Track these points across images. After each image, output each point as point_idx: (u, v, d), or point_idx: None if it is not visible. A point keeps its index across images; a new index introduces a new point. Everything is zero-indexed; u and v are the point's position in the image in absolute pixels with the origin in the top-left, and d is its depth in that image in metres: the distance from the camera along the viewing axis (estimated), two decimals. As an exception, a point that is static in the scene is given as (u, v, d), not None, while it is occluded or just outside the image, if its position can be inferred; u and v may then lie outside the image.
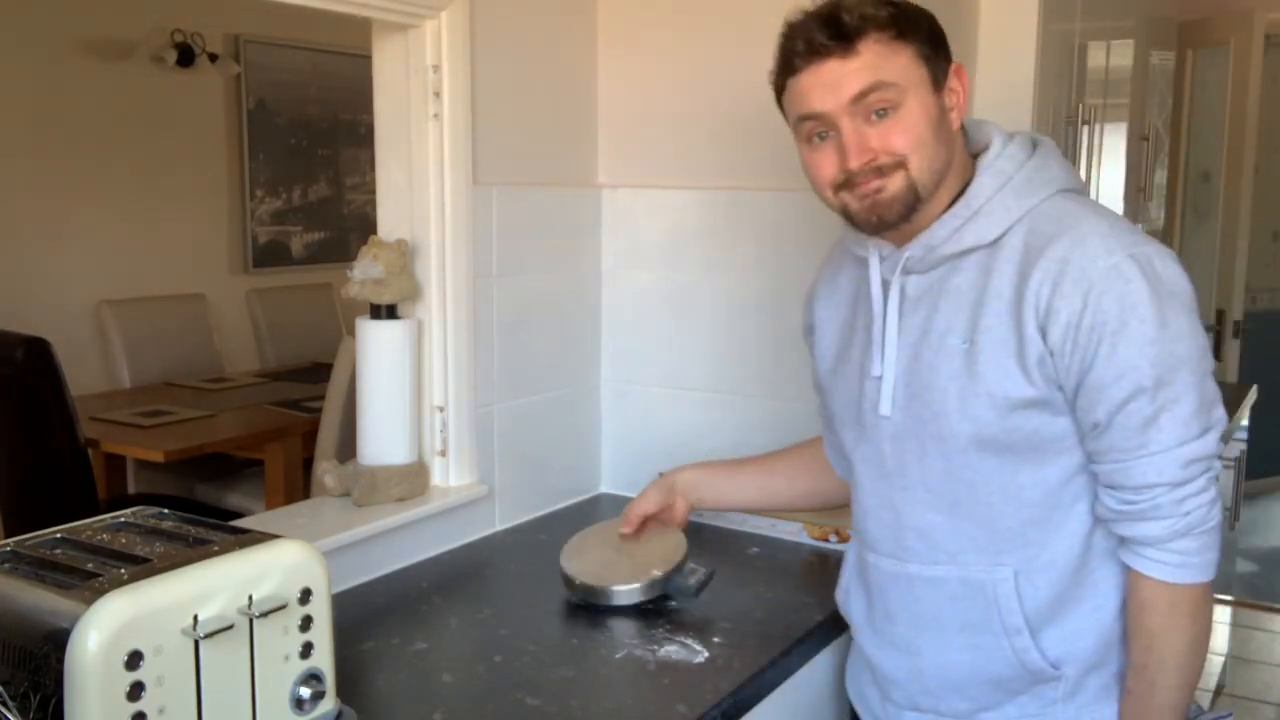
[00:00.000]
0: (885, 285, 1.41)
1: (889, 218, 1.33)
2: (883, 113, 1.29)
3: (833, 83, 1.29)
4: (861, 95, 1.28)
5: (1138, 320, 1.24)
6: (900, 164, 1.30)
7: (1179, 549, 1.28)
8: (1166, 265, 1.29)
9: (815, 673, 1.69)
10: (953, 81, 1.34)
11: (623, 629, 1.67)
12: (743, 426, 2.19)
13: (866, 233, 1.40)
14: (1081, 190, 1.39)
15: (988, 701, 1.42)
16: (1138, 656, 1.34)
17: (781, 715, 1.59)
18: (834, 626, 1.71)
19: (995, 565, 1.37)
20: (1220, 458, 1.31)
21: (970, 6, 2.27)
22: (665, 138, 2.22)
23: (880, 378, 1.41)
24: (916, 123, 1.29)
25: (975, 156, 1.39)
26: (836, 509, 1.80)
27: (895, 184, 1.31)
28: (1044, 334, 1.27)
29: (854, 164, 1.30)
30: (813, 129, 1.33)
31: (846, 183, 1.32)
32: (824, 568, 1.94)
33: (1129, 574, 1.33)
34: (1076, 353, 1.26)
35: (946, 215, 1.34)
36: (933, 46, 1.32)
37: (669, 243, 2.22)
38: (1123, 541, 1.33)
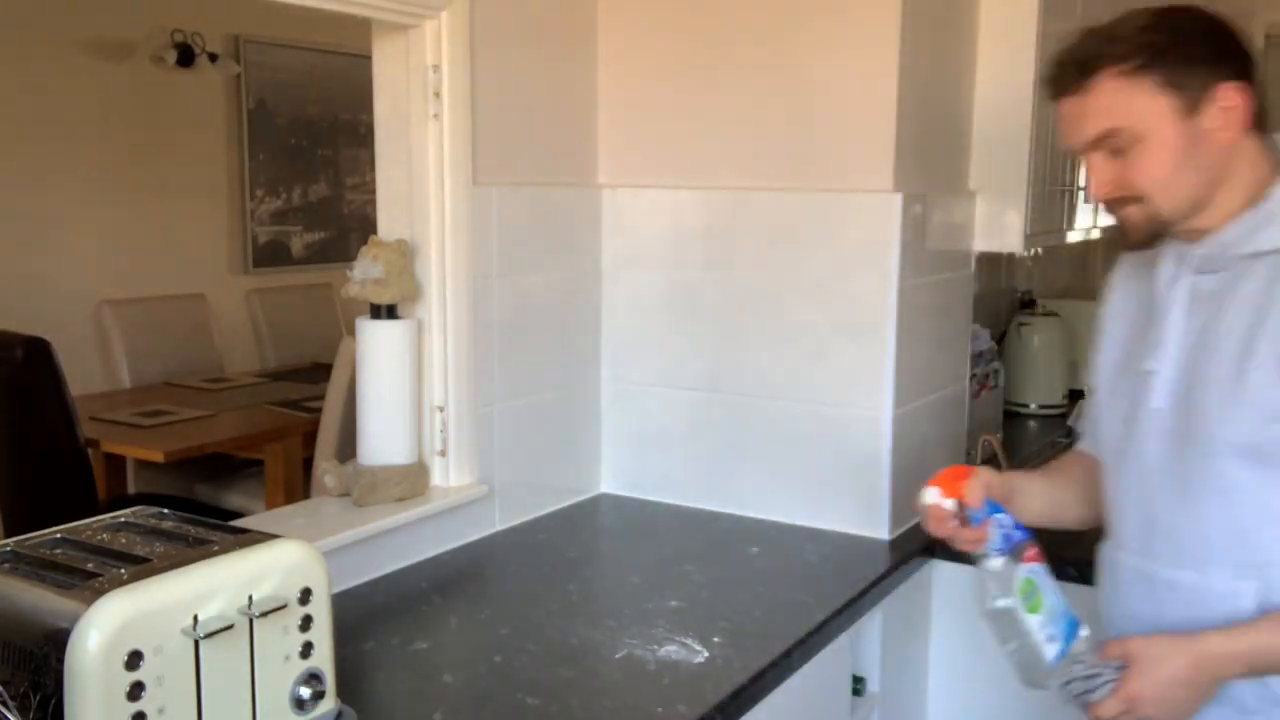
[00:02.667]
0: (1174, 282, 1.40)
1: (1136, 241, 1.38)
2: (1120, 151, 1.32)
3: (1072, 121, 1.35)
4: (1096, 141, 1.33)
5: None
6: (1141, 198, 1.33)
7: None
8: None
9: (815, 672, 1.69)
10: (1222, 100, 1.30)
11: (623, 629, 1.67)
12: (742, 426, 2.19)
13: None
14: None
15: (1217, 716, 1.35)
16: None
17: (781, 715, 1.59)
18: (833, 626, 1.71)
19: (1239, 579, 1.32)
20: None
21: (970, 6, 2.27)
22: (665, 138, 2.22)
23: (1153, 372, 1.39)
24: (1155, 161, 1.31)
25: None
26: None
27: (1137, 215, 1.35)
28: None
29: (1096, 196, 1.37)
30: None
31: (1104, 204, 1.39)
32: (824, 567, 1.94)
33: None
34: None
35: (1248, 213, 1.33)
36: (1184, 69, 1.29)
37: (669, 243, 2.22)
38: None
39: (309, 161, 5.58)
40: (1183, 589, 1.37)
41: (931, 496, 1.48)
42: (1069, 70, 1.34)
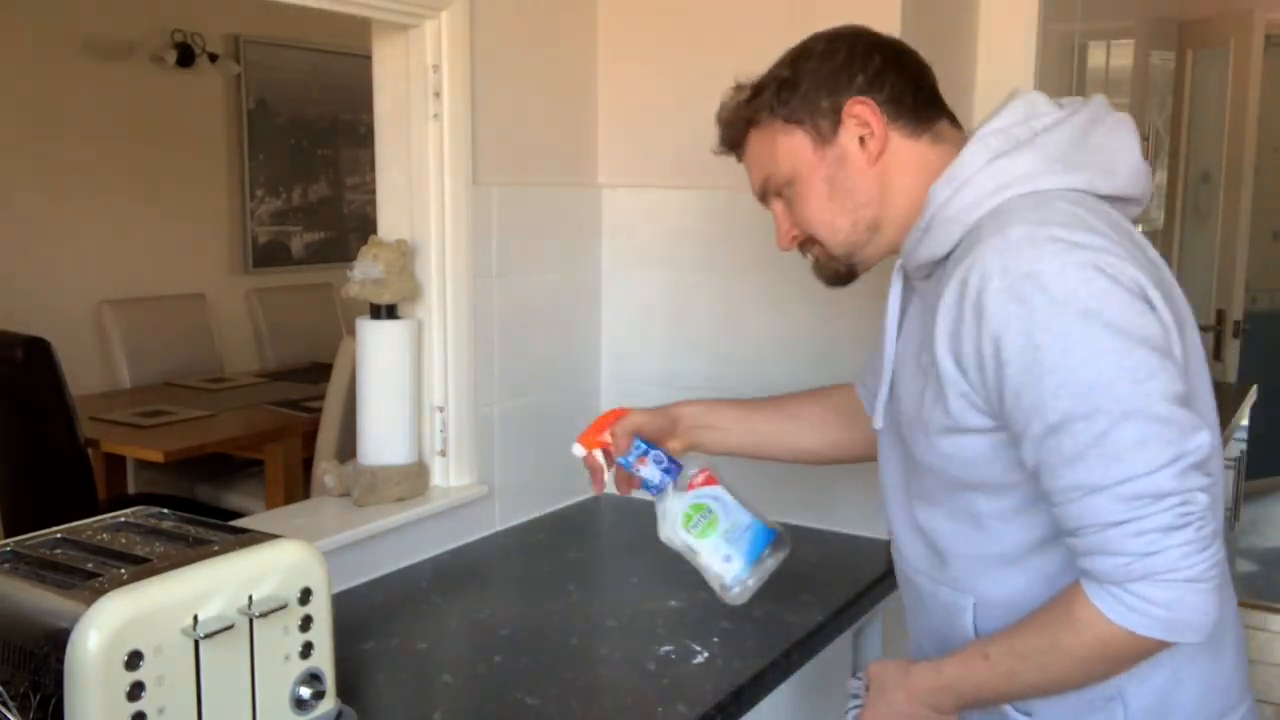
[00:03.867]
0: (890, 297, 1.39)
1: (829, 280, 1.40)
2: (785, 198, 1.36)
3: (748, 173, 1.41)
4: (762, 193, 1.39)
5: (1033, 349, 1.08)
6: (813, 239, 1.35)
7: (1141, 593, 1.07)
8: (1081, 280, 1.08)
9: (815, 672, 1.69)
10: (851, 118, 1.28)
11: (623, 629, 1.67)
12: (743, 426, 2.19)
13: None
14: (1085, 187, 1.20)
15: None
16: (1022, 642, 1.17)
17: (781, 715, 1.59)
18: (833, 626, 1.71)
19: (959, 592, 1.29)
20: (1201, 489, 1.08)
21: (970, 6, 2.27)
22: (665, 138, 2.22)
23: (875, 394, 1.39)
24: (809, 197, 1.32)
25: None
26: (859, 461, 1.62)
27: (820, 254, 1.37)
28: (956, 362, 1.16)
29: (780, 246, 1.40)
30: None
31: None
32: (824, 567, 1.94)
33: (1076, 583, 1.14)
34: (987, 384, 1.14)
35: (911, 229, 1.27)
36: (805, 100, 1.30)
37: (669, 243, 2.22)
38: (1083, 573, 1.13)
39: (309, 161, 5.58)
40: (929, 596, 1.34)
41: (578, 452, 1.53)
42: (725, 134, 1.41)
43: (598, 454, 1.53)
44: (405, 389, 1.91)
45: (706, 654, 1.56)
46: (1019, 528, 1.23)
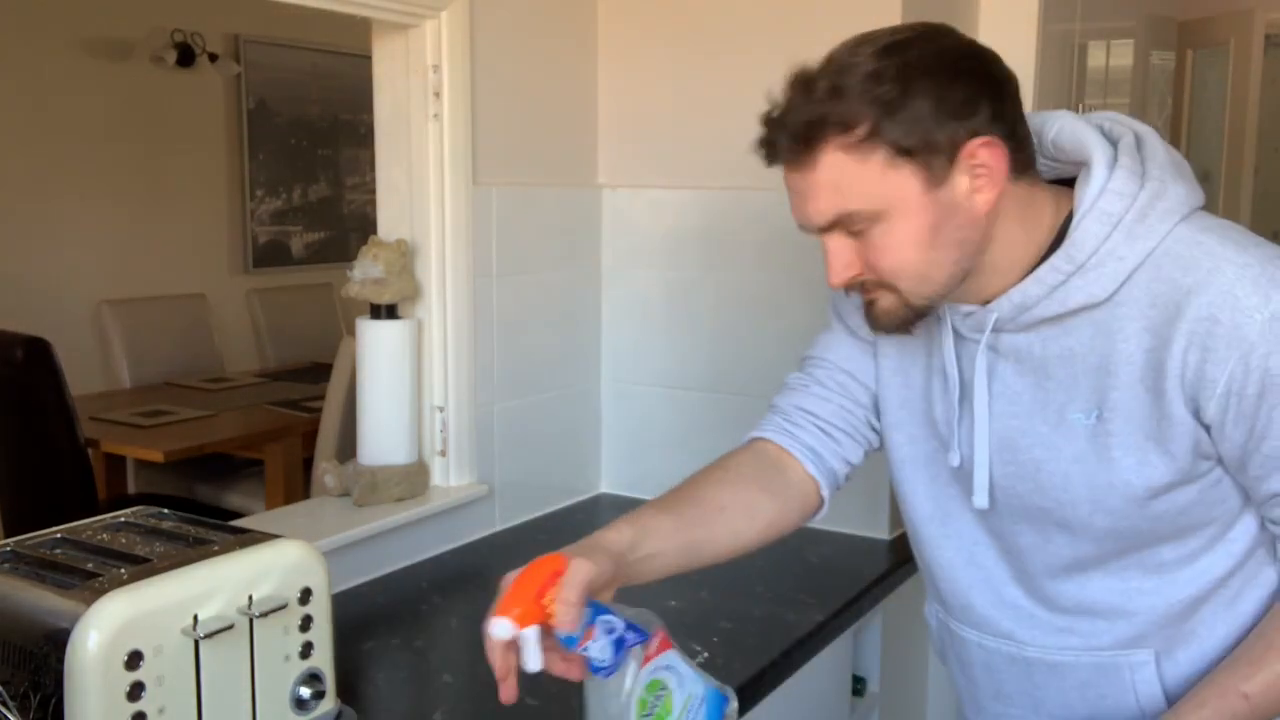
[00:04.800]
0: (959, 342, 1.20)
1: (888, 329, 1.18)
2: (859, 232, 1.10)
3: (799, 196, 1.12)
4: (828, 225, 1.11)
5: None
6: (887, 284, 1.13)
7: None
8: None
9: (815, 672, 1.69)
10: (972, 159, 1.06)
11: (623, 629, 1.67)
12: (742, 427, 2.19)
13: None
14: (1202, 200, 1.14)
15: None
16: (1266, 672, 1.13)
17: (781, 715, 1.59)
18: (833, 626, 1.71)
19: (1133, 649, 1.21)
20: None
21: (970, 6, 2.27)
22: (665, 138, 2.22)
23: (960, 467, 1.22)
24: (901, 243, 1.08)
25: (1071, 178, 1.15)
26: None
27: (887, 302, 1.14)
28: (1196, 408, 1.07)
29: (832, 284, 1.15)
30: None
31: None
32: (824, 567, 1.94)
33: None
34: (1242, 422, 1.06)
35: (1043, 269, 1.11)
36: (922, 131, 1.04)
37: (669, 243, 2.22)
38: None
39: (309, 161, 5.58)
40: (1071, 669, 1.24)
41: (503, 631, 1.03)
42: (786, 139, 1.10)
43: (528, 632, 1.04)
44: (405, 389, 1.91)
45: (706, 654, 1.56)
46: (1206, 566, 1.18)
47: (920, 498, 1.31)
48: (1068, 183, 1.16)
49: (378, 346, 1.90)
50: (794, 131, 1.09)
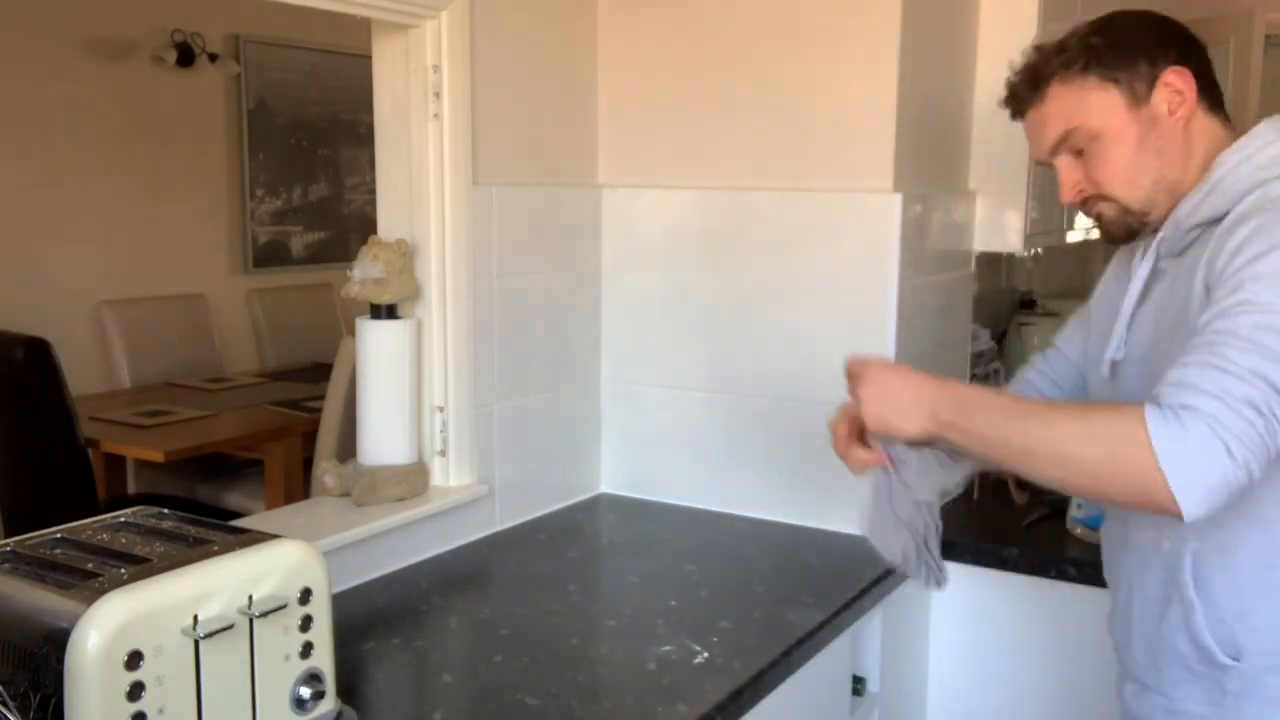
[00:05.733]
0: (1139, 267, 1.42)
1: (1117, 237, 1.43)
2: (1081, 152, 1.38)
3: (1034, 132, 1.43)
4: (1056, 145, 1.40)
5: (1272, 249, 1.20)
6: (1107, 196, 1.39)
7: (1183, 420, 1.14)
8: None
9: (815, 672, 1.69)
10: (1168, 83, 1.35)
11: (623, 629, 1.67)
12: (743, 426, 2.19)
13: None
14: None
15: (1176, 677, 1.39)
16: (1059, 413, 1.28)
17: (781, 715, 1.59)
18: (833, 626, 1.71)
19: (1180, 540, 1.35)
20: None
21: (970, 6, 2.27)
22: (665, 138, 2.22)
23: (1111, 360, 1.42)
24: (1114, 154, 1.37)
25: None
26: None
27: (1110, 211, 1.40)
28: (1208, 283, 1.25)
29: (1066, 200, 1.42)
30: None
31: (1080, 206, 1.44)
32: (824, 567, 1.94)
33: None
34: (1224, 282, 1.22)
35: (1192, 191, 1.35)
36: (1127, 61, 1.35)
37: (669, 243, 2.22)
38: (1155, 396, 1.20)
39: (309, 161, 5.58)
40: (1143, 549, 1.41)
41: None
42: (1022, 87, 1.42)
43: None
44: (405, 389, 1.91)
45: (706, 654, 1.56)
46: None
47: (1094, 390, 1.51)
48: None
49: (378, 346, 1.90)
50: (1026, 78, 1.41)
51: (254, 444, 3.59)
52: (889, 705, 2.03)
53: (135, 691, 1.06)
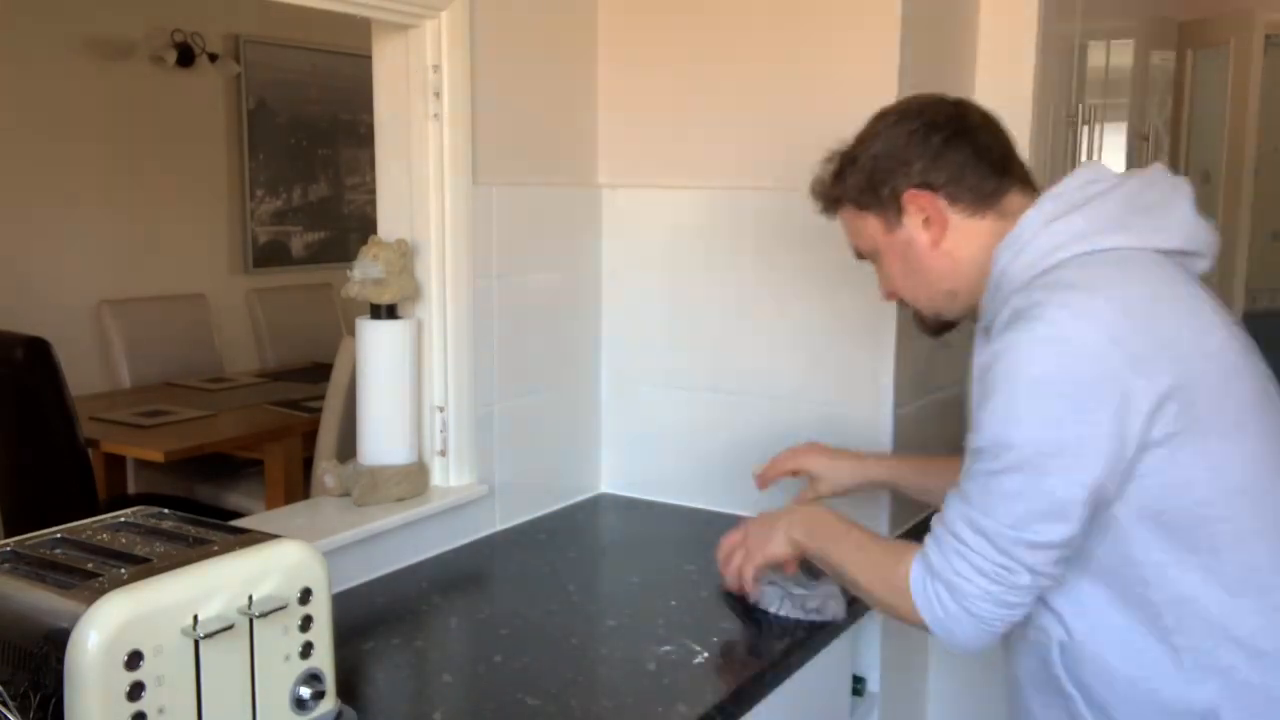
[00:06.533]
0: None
1: (930, 330, 1.52)
2: (873, 261, 1.50)
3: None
4: (858, 254, 1.52)
5: (1004, 390, 1.23)
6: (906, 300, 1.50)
7: (937, 592, 1.29)
8: (1033, 347, 1.22)
9: (815, 672, 1.69)
10: (912, 207, 1.40)
11: (623, 629, 1.67)
12: (743, 426, 2.19)
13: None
14: (1140, 246, 1.29)
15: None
16: (871, 551, 1.46)
17: (781, 715, 1.59)
18: (834, 626, 1.71)
19: (1043, 630, 1.37)
20: (1030, 570, 1.25)
21: (970, 6, 2.27)
22: (665, 138, 2.22)
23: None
24: (891, 272, 1.47)
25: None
26: None
27: (915, 310, 1.51)
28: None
29: (882, 298, 1.54)
30: None
31: None
32: (824, 568, 1.94)
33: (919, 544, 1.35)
34: (974, 413, 1.28)
35: (987, 291, 1.38)
36: (871, 194, 1.42)
37: (669, 243, 2.22)
38: (925, 543, 1.33)
39: (309, 161, 5.58)
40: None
41: None
42: (818, 200, 1.53)
43: None
44: (405, 389, 1.91)
45: (706, 654, 1.56)
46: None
47: None
48: None
49: (378, 346, 1.90)
50: (818, 195, 1.52)
51: (254, 444, 3.59)
52: (889, 705, 2.03)
53: (135, 691, 1.06)
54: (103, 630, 1.04)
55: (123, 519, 1.31)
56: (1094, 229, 1.29)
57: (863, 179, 1.42)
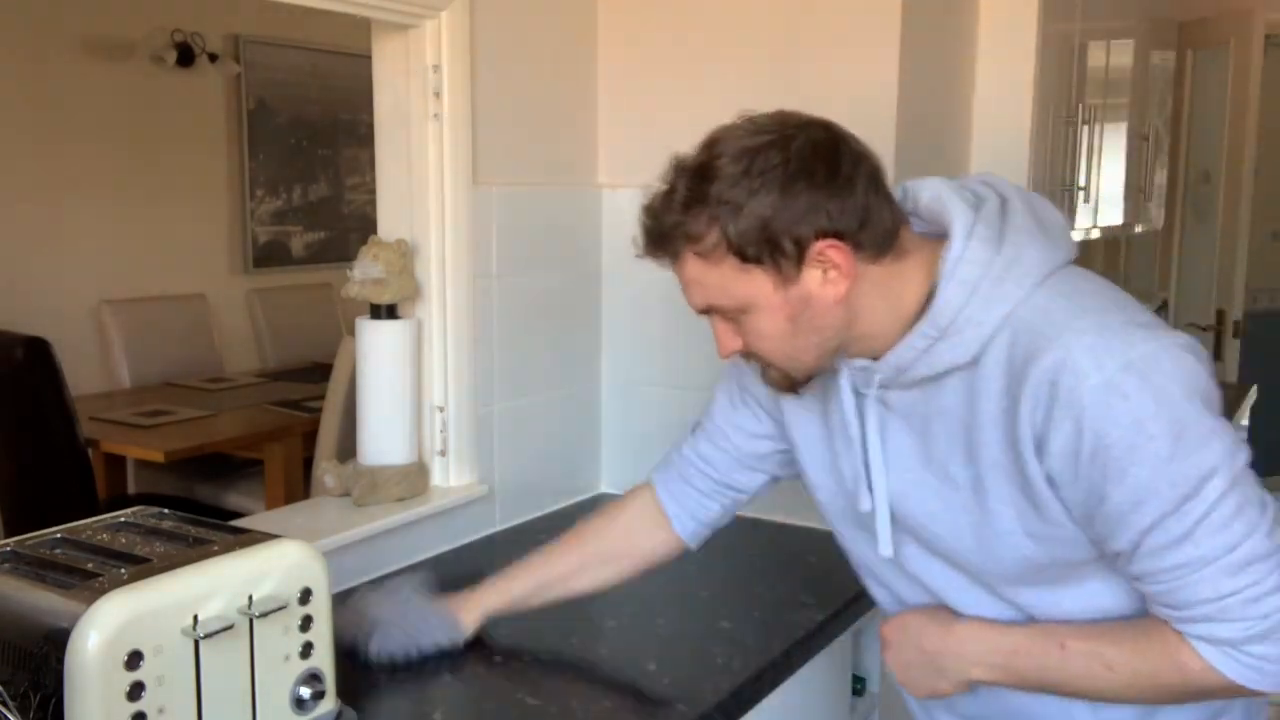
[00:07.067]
0: (859, 399, 1.25)
1: (783, 390, 1.28)
2: (731, 319, 1.21)
3: (684, 286, 1.24)
4: (704, 309, 1.23)
5: (1146, 439, 1.06)
6: (768, 361, 1.24)
7: (1260, 654, 1.09)
8: (1174, 362, 1.08)
9: (815, 672, 1.69)
10: (819, 259, 1.13)
11: (623, 629, 1.67)
12: (743, 426, 2.18)
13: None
14: (1067, 258, 1.19)
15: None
16: (1114, 655, 1.17)
17: (781, 715, 1.59)
18: (833, 626, 1.71)
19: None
20: None
21: (970, 6, 2.27)
22: (665, 138, 2.20)
23: (871, 512, 1.28)
24: (766, 332, 1.19)
25: (943, 238, 1.19)
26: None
27: (774, 370, 1.25)
28: (1043, 465, 1.12)
29: (722, 355, 1.26)
30: None
31: None
32: (824, 567, 1.94)
33: (1169, 627, 1.14)
34: (1080, 484, 1.10)
35: (912, 335, 1.16)
36: (761, 247, 1.13)
37: (669, 243, 2.22)
38: (1196, 639, 1.13)
39: (309, 161, 5.58)
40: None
41: None
42: (651, 246, 1.24)
43: None
44: (405, 389, 1.91)
45: (706, 654, 1.56)
46: (1105, 604, 1.23)
47: (849, 544, 1.41)
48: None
49: (378, 346, 1.90)
50: (654, 239, 1.23)
51: (254, 444, 3.59)
52: (889, 705, 2.03)
53: (135, 691, 1.06)
54: (103, 630, 1.04)
55: (123, 519, 1.31)
56: (1045, 254, 1.16)
57: (753, 228, 1.12)
